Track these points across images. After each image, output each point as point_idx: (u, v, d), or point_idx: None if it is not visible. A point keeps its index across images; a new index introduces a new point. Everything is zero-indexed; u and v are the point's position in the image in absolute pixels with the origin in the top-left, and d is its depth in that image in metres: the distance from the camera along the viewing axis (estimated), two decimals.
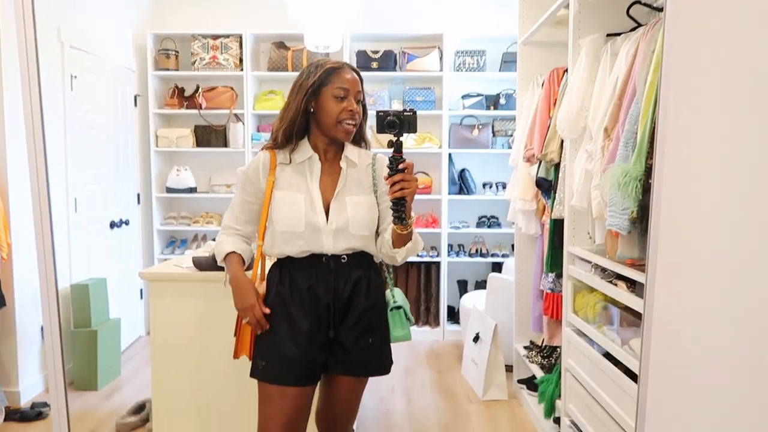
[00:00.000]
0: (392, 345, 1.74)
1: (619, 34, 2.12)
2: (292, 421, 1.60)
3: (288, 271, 1.66)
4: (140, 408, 2.90)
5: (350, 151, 1.70)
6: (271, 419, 1.60)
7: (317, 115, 1.65)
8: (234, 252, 1.67)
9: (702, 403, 1.27)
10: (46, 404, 2.98)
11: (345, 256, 1.65)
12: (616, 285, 1.94)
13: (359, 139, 1.74)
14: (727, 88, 1.14)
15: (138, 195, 4.34)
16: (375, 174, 1.71)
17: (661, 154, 1.12)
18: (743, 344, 1.19)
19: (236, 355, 1.69)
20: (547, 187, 2.70)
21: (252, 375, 1.64)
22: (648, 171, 1.61)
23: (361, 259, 1.68)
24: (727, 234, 1.17)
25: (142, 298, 4.36)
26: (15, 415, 2.87)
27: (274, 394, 1.60)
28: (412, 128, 1.55)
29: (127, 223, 4.07)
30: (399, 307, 1.74)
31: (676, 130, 1.13)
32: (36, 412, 2.89)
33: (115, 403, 3.14)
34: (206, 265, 2.14)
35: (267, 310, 1.62)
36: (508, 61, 4.19)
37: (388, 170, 1.52)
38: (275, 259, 1.71)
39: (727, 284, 1.19)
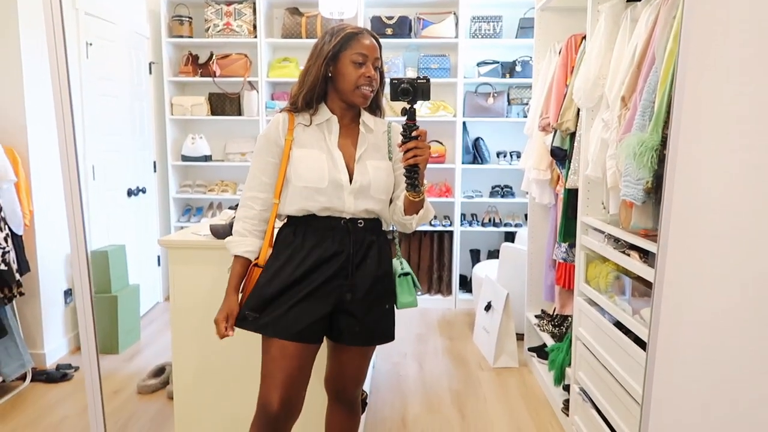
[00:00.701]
0: (402, 311, 1.77)
1: (639, 0, 2.07)
2: (291, 379, 1.60)
3: (303, 228, 1.66)
4: (160, 371, 2.99)
5: (367, 117, 1.72)
6: (270, 377, 1.61)
7: (335, 79, 1.65)
8: (240, 257, 1.68)
9: (710, 369, 1.29)
10: (70, 366, 3.09)
11: (362, 221, 1.66)
12: (629, 255, 1.94)
13: (375, 108, 1.74)
14: (746, 55, 1.12)
15: (154, 163, 4.38)
16: (390, 141, 1.72)
17: (677, 122, 1.11)
18: (752, 313, 1.19)
19: None
20: (561, 156, 2.68)
21: (238, 324, 1.65)
22: (664, 141, 1.60)
23: (375, 224, 1.70)
24: (741, 204, 1.17)
25: (159, 264, 4.44)
26: (41, 376, 2.98)
27: (275, 351, 1.61)
28: (426, 96, 1.55)
29: (144, 191, 4.12)
30: (407, 274, 1.76)
31: (693, 98, 1.12)
32: (61, 374, 2.99)
33: (136, 366, 3.24)
34: (223, 233, 2.18)
35: (231, 334, 1.64)
36: (525, 27, 4.11)
37: (402, 137, 1.53)
38: (284, 221, 1.72)
39: (738, 254, 1.19)
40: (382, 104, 1.76)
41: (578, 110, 2.46)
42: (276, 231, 1.74)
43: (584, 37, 2.48)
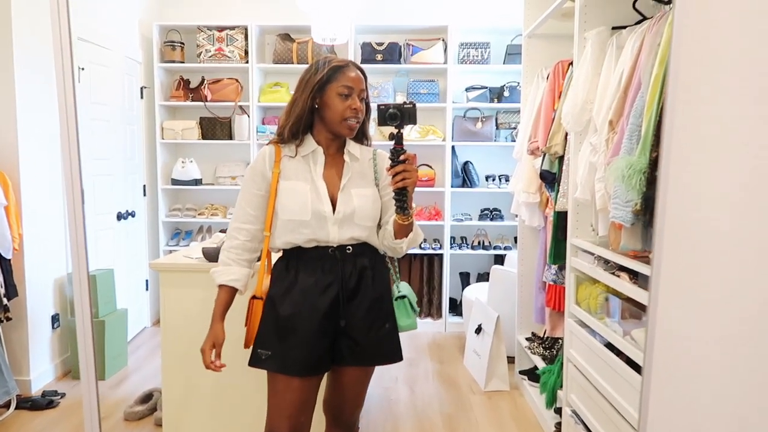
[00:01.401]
0: None
1: (624, 27, 2.13)
2: (299, 411, 1.63)
3: (295, 262, 1.69)
4: (148, 397, 2.94)
5: (352, 146, 1.74)
6: (279, 409, 1.64)
7: (321, 111, 1.68)
8: (225, 285, 1.69)
9: (706, 395, 1.30)
10: (56, 393, 3.03)
11: (350, 247, 1.68)
12: (618, 276, 1.97)
13: (361, 137, 1.78)
14: (736, 78, 1.16)
15: (144, 187, 4.37)
16: (376, 168, 1.75)
17: (668, 146, 1.14)
18: (749, 338, 1.21)
19: (247, 345, 1.72)
20: (551, 179, 2.72)
21: (252, 364, 1.66)
22: (652, 164, 1.64)
23: (365, 249, 1.72)
24: (735, 227, 1.19)
25: (147, 289, 4.40)
26: (26, 403, 2.92)
27: (281, 385, 1.64)
28: (412, 120, 1.59)
29: (133, 214, 4.11)
30: (404, 297, 1.78)
31: (683, 121, 1.15)
32: (47, 401, 2.94)
33: (123, 392, 3.19)
34: (215, 255, 2.17)
35: (218, 364, 1.65)
36: (513, 54, 4.20)
37: (390, 161, 1.56)
38: (281, 253, 1.74)
39: (733, 277, 1.21)
40: (368, 133, 1.79)
41: (566, 134, 2.51)
42: (274, 261, 1.77)
43: (571, 63, 2.54)
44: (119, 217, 3.95)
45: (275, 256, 1.78)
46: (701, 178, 1.19)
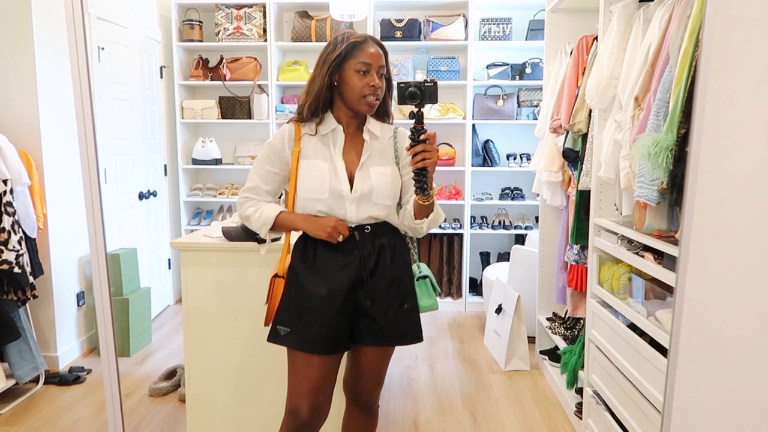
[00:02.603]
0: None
1: (652, 0, 2.06)
2: (318, 389, 1.64)
3: (314, 241, 1.68)
4: (172, 374, 2.99)
5: (372, 124, 1.72)
6: (299, 387, 1.65)
7: (340, 88, 1.65)
8: (282, 211, 1.68)
9: (734, 377, 1.27)
10: (83, 368, 3.10)
11: (369, 227, 1.67)
12: (642, 257, 1.93)
13: (383, 114, 1.75)
14: None
15: (165, 166, 4.40)
16: (397, 146, 1.72)
17: (700, 122, 1.10)
18: None
19: (267, 323, 1.73)
20: (573, 158, 2.67)
21: (271, 339, 1.67)
22: (680, 141, 1.59)
23: (384, 228, 1.70)
24: (766, 207, 1.15)
25: (170, 267, 4.46)
26: (54, 378, 2.99)
27: (300, 363, 1.64)
28: (433, 99, 1.55)
29: (155, 194, 4.14)
30: (425, 277, 1.77)
31: (716, 96, 1.11)
32: (74, 376, 3.01)
33: (147, 368, 3.25)
34: (235, 235, 2.18)
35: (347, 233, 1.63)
36: (535, 29, 4.10)
37: (410, 141, 1.53)
38: (300, 233, 1.74)
39: (762, 259, 1.17)
40: (390, 110, 1.76)
41: (590, 111, 2.45)
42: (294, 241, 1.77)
43: (595, 38, 2.47)
44: (141, 196, 3.99)
45: (295, 236, 1.78)
46: (734, 155, 1.15)
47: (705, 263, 1.20)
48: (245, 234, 2.16)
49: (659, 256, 1.85)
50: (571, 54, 2.81)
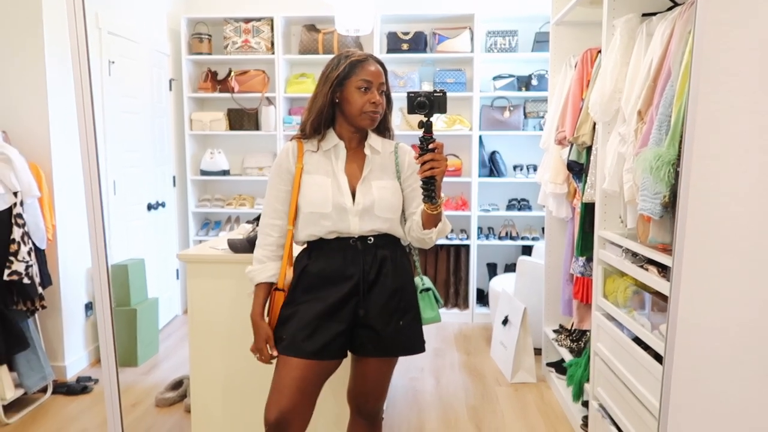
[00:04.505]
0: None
1: (655, 14, 2.07)
2: (294, 391, 1.61)
3: (317, 253, 1.71)
4: (178, 384, 3.01)
5: (373, 139, 1.75)
6: (274, 388, 1.64)
7: (342, 105, 1.69)
8: (263, 283, 1.72)
9: (727, 385, 1.27)
10: (90, 378, 3.12)
11: (371, 238, 1.69)
12: (647, 270, 1.93)
13: (384, 130, 1.78)
14: (759, 69, 1.12)
15: (174, 177, 4.45)
16: (398, 160, 1.75)
17: (691, 137, 1.11)
18: None
19: None
20: (578, 170, 2.67)
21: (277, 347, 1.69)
22: (681, 155, 1.59)
23: (387, 240, 1.72)
24: (756, 219, 1.15)
25: (178, 278, 4.49)
26: (62, 388, 3.02)
27: (280, 364, 1.65)
28: (442, 109, 1.57)
29: (163, 205, 4.18)
30: (428, 289, 1.78)
31: (707, 112, 1.12)
32: (81, 386, 3.03)
33: (154, 378, 3.27)
34: (241, 247, 2.20)
35: (275, 353, 1.67)
36: (541, 41, 4.12)
37: (419, 150, 1.55)
38: (305, 245, 1.76)
39: (755, 269, 1.17)
40: (391, 126, 1.79)
41: (594, 124, 2.45)
42: (296, 253, 1.79)
43: (599, 51, 2.48)
44: (149, 207, 4.03)
45: (297, 250, 1.80)
46: (723, 170, 1.15)
47: (697, 274, 1.20)
48: (250, 246, 2.18)
49: (663, 269, 1.85)
50: (575, 67, 2.82)
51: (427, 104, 1.56)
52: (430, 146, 1.54)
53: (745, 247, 1.17)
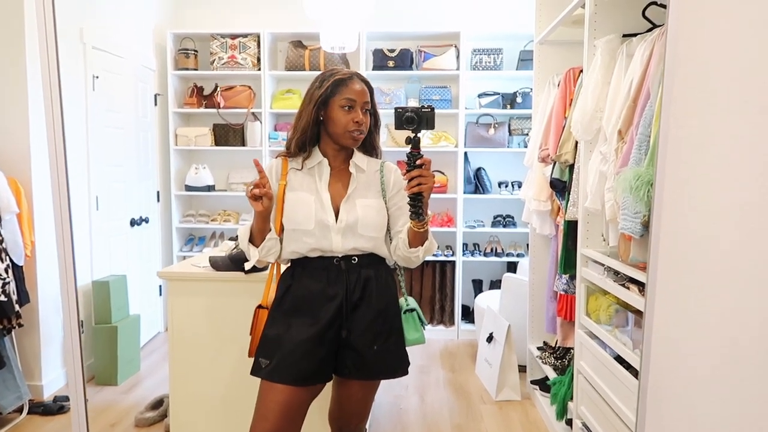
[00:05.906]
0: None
1: (635, 35, 2.10)
2: (278, 416, 1.59)
3: (300, 271, 1.69)
4: (159, 403, 2.95)
5: (359, 158, 1.74)
6: (258, 414, 1.61)
7: (326, 124, 1.69)
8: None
9: (702, 401, 1.27)
10: (67, 398, 3.05)
11: (356, 257, 1.67)
12: (628, 288, 1.93)
13: (371, 149, 1.77)
14: (731, 90, 1.13)
15: (158, 193, 4.41)
16: (383, 179, 1.74)
17: (663, 158, 1.12)
18: (746, 348, 1.18)
19: (251, 354, 1.72)
20: (561, 187, 2.69)
21: (254, 373, 1.65)
22: None
23: (371, 260, 1.71)
24: (728, 237, 1.16)
25: (161, 294, 4.43)
26: (38, 408, 2.95)
27: (264, 389, 1.62)
28: (431, 124, 1.58)
29: (147, 220, 4.14)
30: (412, 310, 1.76)
31: (678, 133, 1.13)
32: (58, 406, 2.96)
33: (135, 397, 3.21)
34: (222, 265, 2.18)
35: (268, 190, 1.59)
36: (525, 60, 4.16)
37: (406, 166, 1.54)
38: (288, 264, 1.74)
39: (727, 286, 1.18)
40: (377, 144, 1.78)
41: (576, 142, 2.47)
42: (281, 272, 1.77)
43: (581, 71, 2.51)
44: (133, 223, 3.98)
45: (282, 268, 1.78)
46: (695, 190, 1.17)
47: (671, 292, 1.21)
48: (232, 264, 2.16)
49: (644, 288, 1.85)
50: (558, 85, 2.85)
51: (416, 119, 1.56)
52: (418, 162, 1.53)
53: (717, 266, 1.18)
